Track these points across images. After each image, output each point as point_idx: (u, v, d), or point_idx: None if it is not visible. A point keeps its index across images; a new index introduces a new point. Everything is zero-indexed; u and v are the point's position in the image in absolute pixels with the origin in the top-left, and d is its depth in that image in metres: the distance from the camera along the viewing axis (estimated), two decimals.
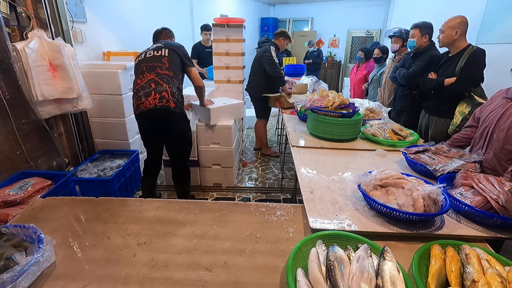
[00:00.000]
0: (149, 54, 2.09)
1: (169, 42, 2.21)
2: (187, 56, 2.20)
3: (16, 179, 1.85)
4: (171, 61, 2.07)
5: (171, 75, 2.04)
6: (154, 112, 1.99)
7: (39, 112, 2.05)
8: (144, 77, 2.02)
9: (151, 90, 1.97)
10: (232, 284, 0.83)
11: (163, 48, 2.10)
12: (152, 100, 1.96)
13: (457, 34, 2.06)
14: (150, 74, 2.01)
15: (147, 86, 1.99)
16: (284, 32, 3.48)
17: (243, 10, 7.64)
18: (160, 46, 2.12)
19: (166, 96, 1.98)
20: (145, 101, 1.96)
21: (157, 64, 2.04)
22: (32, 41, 1.97)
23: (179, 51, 2.15)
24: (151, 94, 1.96)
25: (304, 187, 1.31)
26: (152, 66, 2.03)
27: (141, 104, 1.98)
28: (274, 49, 3.31)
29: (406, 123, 2.49)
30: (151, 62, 2.05)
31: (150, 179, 2.36)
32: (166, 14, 4.54)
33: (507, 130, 1.36)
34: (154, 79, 2.00)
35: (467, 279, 0.76)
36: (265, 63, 3.27)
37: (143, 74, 2.03)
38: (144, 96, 1.97)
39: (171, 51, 2.10)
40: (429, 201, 1.01)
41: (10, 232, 0.92)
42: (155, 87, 1.98)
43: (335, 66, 8.63)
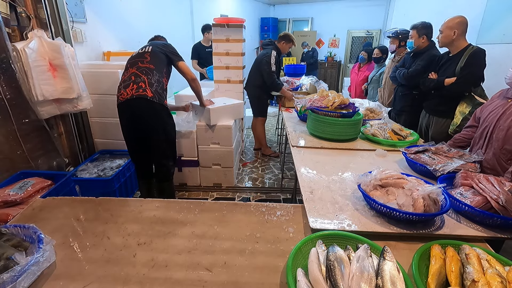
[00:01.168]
0: (134, 53, 2.14)
1: (155, 42, 2.25)
2: (173, 52, 2.19)
3: (16, 179, 1.85)
4: (154, 56, 2.09)
5: (151, 67, 2.03)
6: (130, 101, 1.95)
7: (39, 112, 2.05)
8: (126, 73, 2.05)
9: (130, 82, 1.98)
10: (232, 284, 0.83)
11: (147, 46, 2.15)
12: (129, 91, 1.95)
13: (456, 34, 2.06)
14: (132, 69, 2.03)
15: (128, 79, 2.00)
16: (287, 35, 3.46)
17: (243, 10, 7.64)
18: (146, 45, 2.17)
19: (143, 86, 1.95)
20: (123, 92, 1.96)
21: (138, 59, 2.07)
22: (32, 41, 1.97)
23: (164, 48, 2.16)
24: (129, 85, 1.96)
25: (304, 187, 1.31)
26: (134, 61, 2.07)
27: (120, 96, 1.98)
28: (275, 54, 3.30)
29: (406, 123, 2.49)
30: (134, 59, 2.09)
31: (144, 177, 2.33)
32: (166, 14, 4.54)
33: (506, 130, 1.36)
34: (135, 72, 2.01)
35: (467, 279, 0.76)
36: (262, 69, 3.29)
37: (127, 70, 2.07)
38: (123, 88, 1.98)
39: (155, 48, 2.13)
40: (429, 201, 1.01)
41: (10, 232, 0.92)
42: (134, 79, 1.98)
43: (335, 66, 8.62)
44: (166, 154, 2.19)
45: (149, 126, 2.05)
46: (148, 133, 2.08)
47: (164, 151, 2.17)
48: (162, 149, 2.15)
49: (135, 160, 2.27)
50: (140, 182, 2.36)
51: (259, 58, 3.39)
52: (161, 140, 2.11)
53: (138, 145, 2.16)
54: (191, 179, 2.95)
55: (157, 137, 2.09)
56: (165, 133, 2.11)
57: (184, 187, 2.96)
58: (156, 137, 2.09)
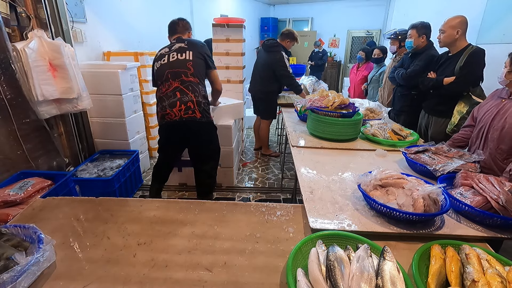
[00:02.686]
0: (172, 57, 1.97)
1: (193, 42, 2.08)
2: (210, 57, 2.12)
3: (16, 179, 1.85)
4: (196, 66, 1.98)
5: (196, 82, 1.96)
6: (180, 124, 1.93)
7: (39, 112, 2.05)
8: (169, 85, 1.93)
9: (176, 100, 1.90)
10: (232, 284, 0.83)
11: (187, 50, 2.00)
12: (177, 112, 1.89)
13: (458, 34, 2.06)
14: (175, 82, 1.92)
15: (172, 95, 1.91)
16: (291, 33, 3.37)
17: (243, 10, 7.64)
18: (184, 48, 2.01)
19: (191, 107, 1.90)
20: (170, 112, 1.90)
21: (181, 70, 1.94)
22: (32, 41, 1.97)
23: (202, 52, 2.06)
24: (176, 104, 1.89)
25: (304, 187, 1.31)
26: (176, 72, 1.94)
27: (166, 115, 1.92)
28: (286, 57, 3.27)
29: (405, 123, 2.49)
30: (176, 68, 1.95)
31: (161, 182, 2.33)
32: (166, 14, 4.54)
33: (500, 130, 1.37)
34: (179, 87, 1.91)
35: (467, 279, 0.76)
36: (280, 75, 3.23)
37: (168, 81, 1.94)
38: (169, 106, 1.90)
39: (196, 54, 2.00)
40: (429, 201, 1.01)
41: (10, 232, 0.92)
42: (180, 97, 1.90)
43: (335, 66, 8.63)
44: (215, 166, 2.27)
45: (197, 144, 2.10)
46: (196, 149, 2.14)
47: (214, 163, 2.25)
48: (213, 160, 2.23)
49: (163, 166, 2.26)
50: (153, 186, 2.32)
51: (270, 63, 3.28)
52: (211, 154, 2.20)
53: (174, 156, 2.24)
54: (191, 179, 2.93)
55: (207, 152, 2.16)
56: (213, 145, 2.20)
57: (184, 187, 2.96)
58: (206, 152, 2.16)
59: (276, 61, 3.23)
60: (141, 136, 3.15)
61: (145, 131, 3.28)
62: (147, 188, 2.97)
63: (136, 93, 2.99)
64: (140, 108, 3.11)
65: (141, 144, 3.16)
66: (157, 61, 2.05)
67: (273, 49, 3.30)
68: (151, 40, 4.13)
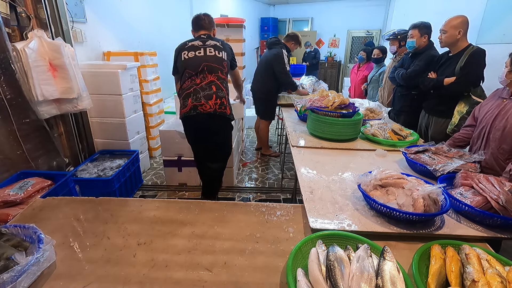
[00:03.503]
0: (210, 52, 1.99)
1: (225, 44, 2.14)
2: (234, 58, 2.20)
3: (16, 179, 1.85)
4: (228, 67, 2.05)
5: (227, 81, 2.05)
6: (212, 116, 1.96)
7: (39, 112, 2.05)
8: (204, 77, 1.95)
9: (212, 93, 1.93)
10: (232, 284, 0.83)
11: (222, 50, 2.05)
12: (212, 104, 1.92)
13: (460, 34, 2.05)
14: (211, 76, 1.95)
15: (207, 88, 1.93)
16: (296, 36, 3.45)
17: (243, 10, 7.64)
18: (220, 47, 2.05)
19: (224, 103, 1.97)
20: (205, 103, 1.91)
21: (218, 66, 1.98)
22: (32, 41, 1.97)
23: (232, 55, 2.14)
24: (212, 97, 1.92)
25: (304, 187, 1.31)
26: (214, 67, 1.97)
27: (199, 106, 1.92)
28: (286, 54, 3.29)
29: (405, 123, 2.49)
30: (214, 63, 1.97)
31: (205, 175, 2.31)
32: (166, 14, 4.54)
33: (502, 130, 1.37)
34: (215, 82, 1.95)
35: (467, 279, 0.76)
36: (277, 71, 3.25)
37: (203, 73, 1.95)
38: (204, 98, 1.92)
39: (228, 55, 2.08)
40: (429, 201, 1.01)
41: (10, 232, 0.92)
42: (215, 91, 1.94)
43: (335, 66, 8.63)
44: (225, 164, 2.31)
45: (220, 140, 2.13)
46: (217, 145, 2.15)
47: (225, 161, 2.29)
48: (224, 159, 2.27)
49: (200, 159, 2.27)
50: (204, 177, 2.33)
51: (269, 59, 3.31)
52: (226, 152, 2.25)
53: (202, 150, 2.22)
54: (191, 179, 2.95)
55: (224, 149, 2.22)
56: (230, 144, 2.25)
57: (184, 187, 2.96)
58: (224, 149, 2.22)
59: (275, 57, 3.26)
60: (141, 136, 3.15)
61: (145, 131, 3.28)
62: (147, 188, 2.98)
63: (136, 93, 2.99)
64: (140, 108, 3.11)
65: (141, 144, 3.16)
66: (187, 51, 2.00)
67: (274, 46, 3.35)
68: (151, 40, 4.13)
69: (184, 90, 1.98)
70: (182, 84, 2.03)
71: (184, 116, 1.99)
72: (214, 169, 2.22)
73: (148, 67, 3.32)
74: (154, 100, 3.51)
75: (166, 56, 4.32)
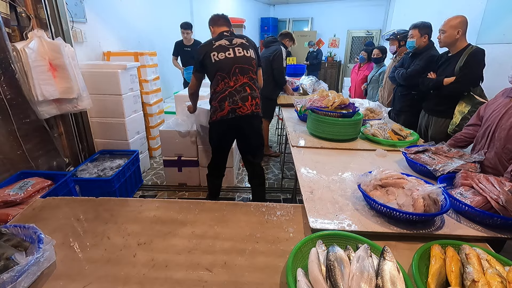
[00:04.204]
0: (239, 53, 1.96)
1: (250, 41, 2.10)
2: (259, 57, 2.16)
3: (16, 179, 1.85)
4: (256, 65, 2.05)
5: (257, 80, 2.05)
6: (251, 118, 1.99)
7: (39, 112, 2.05)
8: (237, 79, 1.93)
9: (247, 95, 1.94)
10: (232, 284, 0.83)
11: (249, 48, 2.02)
12: (249, 106, 1.94)
13: (459, 34, 2.06)
14: (244, 77, 1.95)
15: (242, 90, 1.93)
16: (289, 34, 3.55)
17: (243, 10, 7.64)
18: (247, 45, 2.02)
19: (258, 103, 2.00)
20: (242, 105, 1.92)
21: (248, 67, 1.98)
22: (32, 41, 1.97)
23: (257, 51, 2.12)
24: (248, 99, 1.94)
25: (304, 187, 1.31)
26: (244, 68, 1.96)
27: (238, 109, 1.92)
28: (285, 51, 3.35)
29: (405, 123, 2.49)
30: (243, 64, 1.96)
31: (220, 177, 2.35)
32: (166, 14, 4.54)
33: (508, 129, 1.36)
34: (248, 83, 1.96)
35: (467, 279, 0.76)
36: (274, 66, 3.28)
37: (236, 76, 1.93)
38: (241, 100, 1.92)
39: (255, 53, 2.06)
40: (429, 201, 1.01)
41: (10, 232, 0.92)
42: (250, 92, 1.95)
43: (335, 66, 8.63)
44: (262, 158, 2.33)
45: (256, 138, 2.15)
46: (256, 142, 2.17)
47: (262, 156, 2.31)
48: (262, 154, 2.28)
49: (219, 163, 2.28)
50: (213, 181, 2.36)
51: (268, 57, 3.33)
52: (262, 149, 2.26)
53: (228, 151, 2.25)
54: (191, 179, 2.95)
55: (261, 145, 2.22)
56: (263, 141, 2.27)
57: (184, 187, 2.96)
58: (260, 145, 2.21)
59: (275, 52, 3.29)
60: (141, 136, 3.15)
61: (145, 131, 3.28)
62: (147, 188, 2.97)
63: (136, 93, 2.99)
64: (140, 108, 3.11)
65: (141, 144, 3.16)
66: (216, 51, 1.94)
67: (272, 44, 3.41)
68: (151, 40, 4.13)
69: (219, 93, 1.95)
70: (215, 87, 1.98)
71: (222, 119, 1.96)
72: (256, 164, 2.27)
73: (148, 67, 3.32)
74: (154, 100, 3.51)
75: (166, 56, 4.33)
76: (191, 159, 2.86)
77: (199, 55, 1.99)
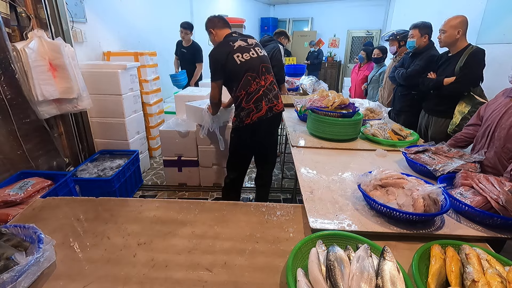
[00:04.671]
0: (260, 52, 1.96)
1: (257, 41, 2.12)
2: None
3: (16, 179, 1.85)
4: None
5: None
6: (281, 114, 2.05)
7: (39, 112, 2.05)
8: (266, 78, 1.94)
9: (276, 92, 1.98)
10: (232, 284, 0.83)
11: (262, 47, 2.04)
12: (281, 103, 2.00)
13: (459, 34, 2.06)
14: (270, 76, 1.97)
15: (272, 88, 1.96)
16: (283, 31, 3.61)
17: (243, 10, 7.65)
18: (260, 45, 2.04)
19: (281, 99, 2.04)
20: (277, 103, 1.96)
21: (269, 65, 2.01)
22: (32, 41, 1.97)
23: None
24: (278, 96, 1.99)
25: (304, 187, 1.31)
26: (268, 67, 1.99)
27: (274, 107, 1.94)
28: (282, 48, 3.38)
29: (405, 123, 2.49)
30: (267, 63, 1.99)
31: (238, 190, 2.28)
32: (166, 14, 4.54)
33: (508, 129, 1.36)
34: (273, 81, 1.99)
35: (467, 279, 0.76)
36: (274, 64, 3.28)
37: (264, 75, 1.93)
38: (274, 98, 1.95)
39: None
40: (429, 201, 1.01)
41: (10, 232, 0.92)
42: (276, 90, 1.99)
43: (335, 66, 8.63)
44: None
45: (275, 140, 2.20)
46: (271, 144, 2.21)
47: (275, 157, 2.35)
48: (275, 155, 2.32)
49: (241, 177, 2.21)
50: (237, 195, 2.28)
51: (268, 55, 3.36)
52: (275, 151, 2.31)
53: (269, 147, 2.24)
54: (191, 179, 2.95)
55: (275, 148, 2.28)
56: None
57: (184, 187, 2.96)
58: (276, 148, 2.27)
59: (274, 49, 3.29)
60: (141, 136, 3.15)
61: (145, 131, 3.28)
62: (147, 188, 2.97)
63: (136, 93, 2.99)
64: (140, 108, 3.11)
65: (141, 144, 3.16)
66: (240, 52, 1.87)
67: (269, 43, 3.41)
68: (151, 40, 4.13)
69: (253, 94, 1.88)
70: (246, 88, 1.87)
71: (260, 120, 1.90)
72: (272, 163, 2.30)
73: (148, 67, 3.32)
74: (154, 100, 3.51)
75: (166, 56, 4.33)
76: (191, 159, 2.86)
77: (218, 60, 1.88)
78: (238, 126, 1.97)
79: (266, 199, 2.33)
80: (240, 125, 1.95)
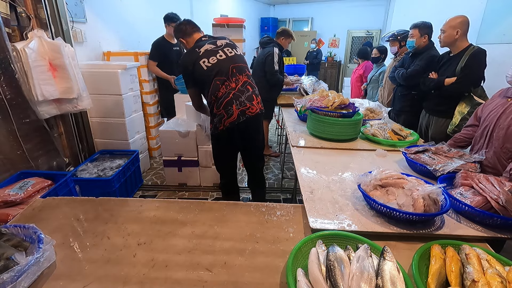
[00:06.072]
0: (230, 53, 1.86)
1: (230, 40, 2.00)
2: None
3: (16, 179, 1.85)
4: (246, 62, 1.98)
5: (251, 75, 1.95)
6: (259, 117, 1.89)
7: (39, 112, 2.05)
8: (237, 80, 1.81)
9: (251, 94, 1.83)
10: (232, 284, 0.83)
11: (235, 46, 1.93)
12: (256, 105, 1.84)
13: (458, 34, 2.06)
14: (243, 76, 1.84)
15: (245, 89, 1.82)
16: (285, 30, 3.42)
17: (243, 10, 7.65)
18: (232, 44, 1.93)
19: (260, 100, 1.90)
20: (250, 106, 1.81)
21: (243, 65, 1.89)
22: (32, 41, 1.97)
23: None
24: (253, 98, 1.83)
25: (304, 187, 1.31)
26: (241, 67, 1.86)
27: (247, 110, 1.80)
28: (277, 52, 3.27)
29: (406, 123, 2.49)
30: (239, 63, 1.86)
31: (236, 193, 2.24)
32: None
33: (506, 129, 1.37)
34: (248, 81, 1.86)
35: (467, 279, 0.76)
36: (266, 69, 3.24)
37: (235, 76, 1.81)
38: (247, 100, 1.81)
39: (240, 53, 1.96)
40: (429, 201, 1.01)
41: (10, 232, 0.92)
42: (252, 91, 1.85)
43: (335, 66, 8.63)
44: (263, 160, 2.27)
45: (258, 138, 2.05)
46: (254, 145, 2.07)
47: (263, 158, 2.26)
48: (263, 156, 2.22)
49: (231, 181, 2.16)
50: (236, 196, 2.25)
51: (261, 58, 3.31)
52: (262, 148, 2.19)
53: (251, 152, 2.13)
54: (191, 179, 2.95)
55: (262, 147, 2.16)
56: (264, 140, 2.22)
57: (184, 187, 2.96)
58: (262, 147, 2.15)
59: (267, 55, 3.26)
60: (141, 136, 3.16)
61: (145, 131, 3.28)
62: (147, 188, 2.98)
63: (136, 93, 2.99)
64: (140, 108, 3.11)
65: (141, 144, 3.17)
66: (206, 58, 1.80)
67: (266, 45, 3.36)
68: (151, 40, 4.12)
69: (222, 99, 1.78)
70: (215, 93, 1.80)
71: (231, 125, 1.80)
72: (260, 167, 2.21)
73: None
74: (154, 100, 3.51)
75: None
76: (191, 159, 2.86)
77: (186, 69, 1.85)
78: (214, 133, 1.90)
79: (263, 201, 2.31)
80: (215, 131, 1.88)
